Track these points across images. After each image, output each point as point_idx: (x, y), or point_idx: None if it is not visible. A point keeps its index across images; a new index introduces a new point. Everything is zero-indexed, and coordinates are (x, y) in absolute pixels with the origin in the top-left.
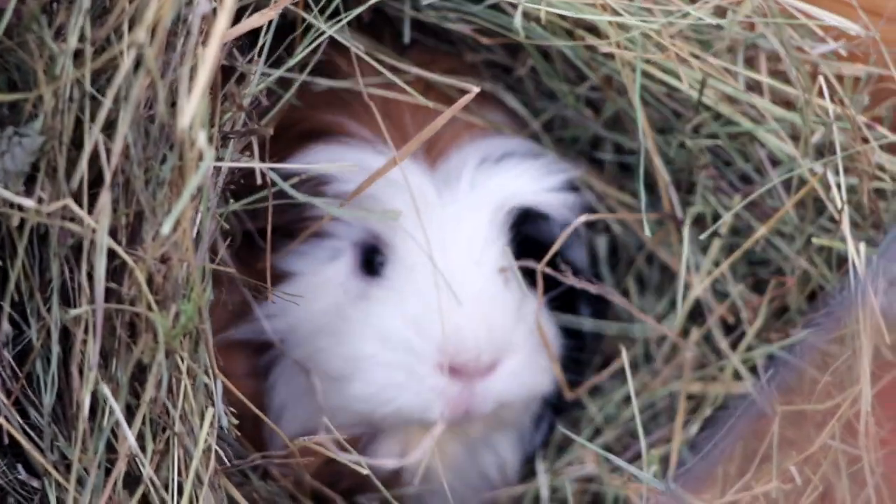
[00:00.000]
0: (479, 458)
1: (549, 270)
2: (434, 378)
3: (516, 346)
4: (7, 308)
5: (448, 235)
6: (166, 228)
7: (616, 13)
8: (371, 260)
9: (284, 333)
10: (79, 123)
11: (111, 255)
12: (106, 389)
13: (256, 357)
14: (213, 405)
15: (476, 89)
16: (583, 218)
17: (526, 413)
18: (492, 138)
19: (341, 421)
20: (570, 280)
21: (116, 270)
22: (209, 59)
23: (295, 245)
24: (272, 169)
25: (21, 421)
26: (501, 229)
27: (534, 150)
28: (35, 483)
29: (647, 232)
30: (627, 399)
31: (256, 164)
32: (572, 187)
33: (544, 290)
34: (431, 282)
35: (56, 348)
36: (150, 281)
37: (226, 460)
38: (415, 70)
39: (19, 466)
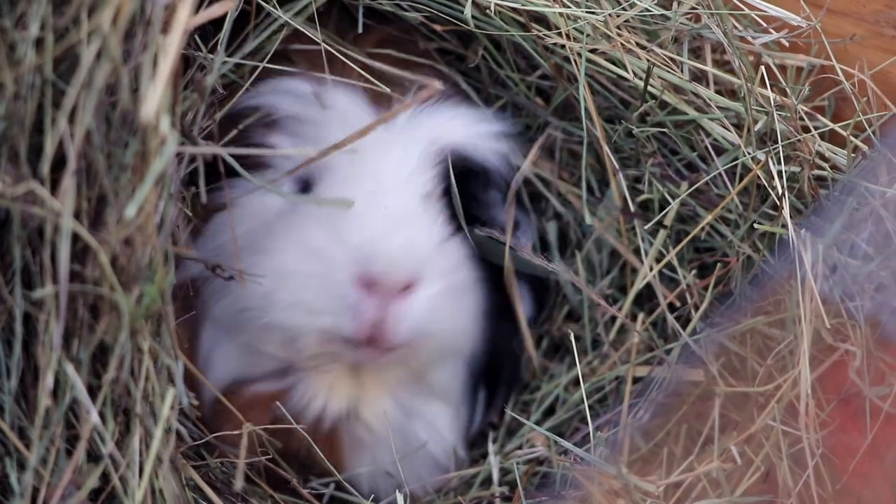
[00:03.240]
0: (416, 430)
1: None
2: (348, 290)
3: (435, 275)
4: None
5: (379, 160)
6: (131, 211)
7: (564, 4)
8: (307, 188)
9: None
10: (40, 109)
11: (74, 237)
12: (69, 367)
13: (191, 302)
14: (174, 386)
15: (439, 86)
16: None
17: (452, 377)
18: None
19: (266, 349)
20: (526, 253)
21: (79, 253)
22: (172, 47)
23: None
24: (233, 155)
25: None
26: (432, 164)
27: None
28: None
29: (588, 220)
30: (577, 382)
31: (219, 150)
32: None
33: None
34: (355, 197)
35: (20, 330)
36: (113, 263)
37: (189, 438)
38: (377, 64)
39: None
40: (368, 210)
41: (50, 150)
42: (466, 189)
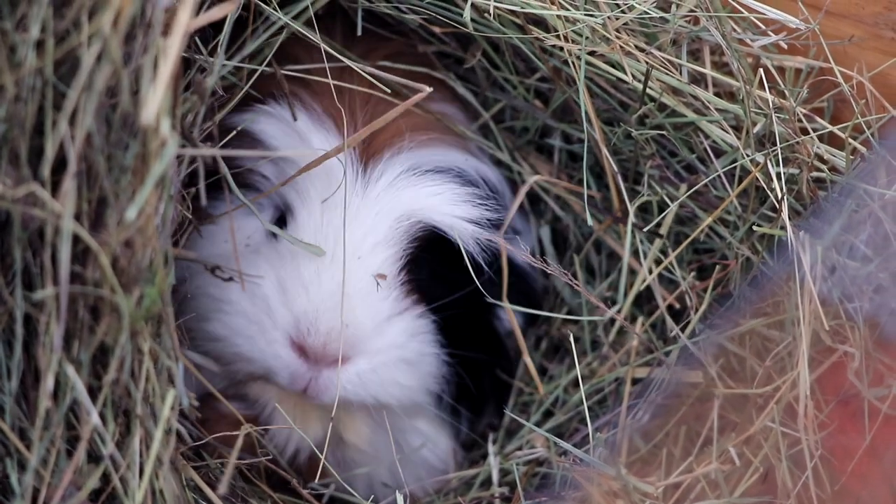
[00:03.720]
0: (407, 438)
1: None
2: (282, 347)
3: (372, 351)
4: None
5: (349, 223)
6: (132, 214)
7: (563, 7)
8: (284, 223)
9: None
10: (41, 111)
11: (74, 239)
12: (70, 369)
13: None
14: (174, 387)
15: (427, 90)
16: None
17: (419, 409)
18: (430, 148)
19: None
20: (528, 258)
21: (79, 255)
22: (173, 50)
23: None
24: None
25: None
26: (401, 237)
27: (471, 169)
28: None
29: (590, 222)
30: (576, 383)
31: (217, 152)
32: (493, 224)
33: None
34: (307, 265)
35: (20, 331)
36: (114, 265)
37: (189, 438)
38: (369, 69)
39: None
40: (320, 277)
41: (51, 152)
42: (436, 266)
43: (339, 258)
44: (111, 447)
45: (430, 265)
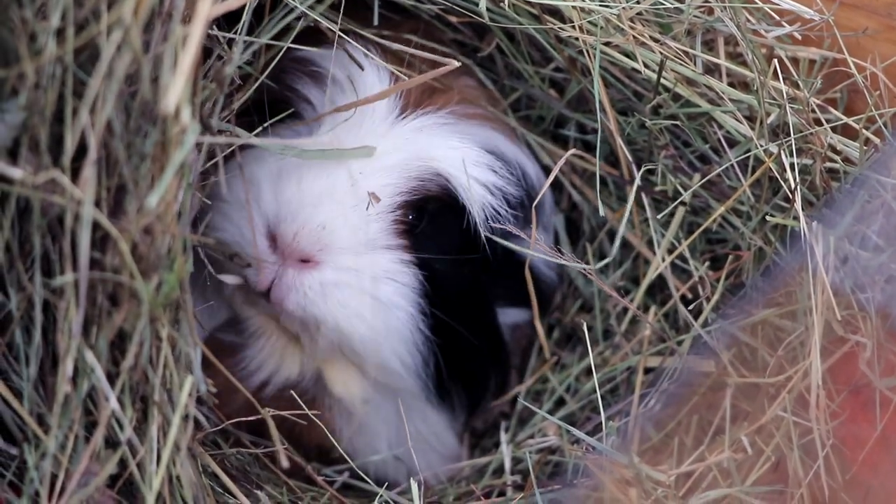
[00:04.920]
0: (412, 423)
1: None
2: (259, 235)
3: (342, 266)
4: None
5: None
6: (153, 201)
7: None
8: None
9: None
10: (61, 98)
11: (94, 226)
12: (89, 354)
13: None
14: (191, 373)
15: (455, 63)
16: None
17: (401, 383)
18: (472, 119)
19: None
20: (545, 249)
21: (98, 241)
22: (194, 38)
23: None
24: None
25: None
26: (409, 177)
27: (507, 150)
28: (13, 451)
29: (601, 211)
30: (589, 372)
31: (238, 140)
32: (512, 203)
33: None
34: (311, 175)
35: (39, 317)
36: (133, 251)
37: (206, 425)
38: (396, 46)
39: None
40: (314, 176)
41: (71, 141)
42: (438, 226)
43: (342, 171)
44: (129, 431)
45: (434, 223)
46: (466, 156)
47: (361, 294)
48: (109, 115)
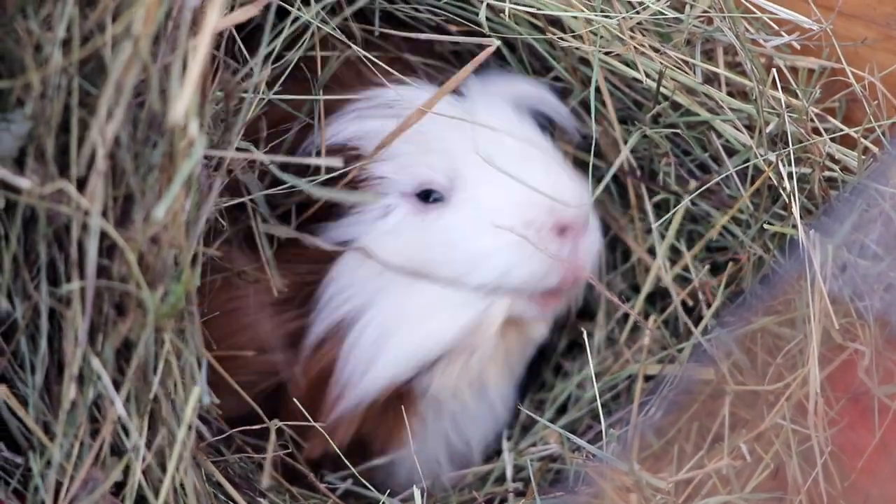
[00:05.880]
0: (455, 431)
1: None
2: (553, 242)
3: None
4: (6, 285)
5: (493, 137)
6: (160, 212)
7: (578, 8)
8: (425, 200)
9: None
10: (67, 109)
11: (101, 235)
12: (95, 361)
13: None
14: (196, 384)
15: (497, 42)
16: None
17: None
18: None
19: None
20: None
21: (104, 250)
22: (201, 50)
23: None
24: (272, 160)
25: (6, 398)
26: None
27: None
28: (18, 459)
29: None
30: (590, 380)
31: (257, 155)
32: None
33: None
34: (503, 176)
35: (45, 326)
36: (140, 261)
37: (207, 436)
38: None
39: (1, 444)
40: (528, 167)
41: (76, 153)
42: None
43: (515, 155)
44: (135, 436)
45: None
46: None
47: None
48: (117, 129)
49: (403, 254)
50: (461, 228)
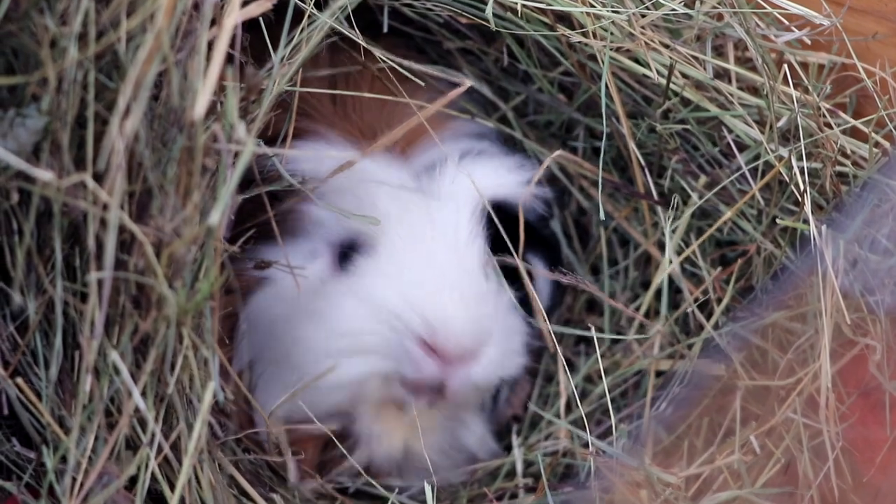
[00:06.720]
0: (456, 434)
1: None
2: (418, 351)
3: (495, 336)
4: (20, 279)
5: (430, 227)
6: (215, 218)
7: (590, 4)
8: (346, 257)
9: (262, 335)
10: (82, 103)
11: (119, 230)
12: (114, 353)
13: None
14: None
15: (468, 83)
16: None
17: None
18: (466, 135)
19: (324, 398)
20: (544, 273)
21: (121, 245)
22: (221, 47)
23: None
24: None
25: (19, 393)
26: (480, 223)
27: (503, 144)
28: (31, 454)
29: (602, 216)
30: (599, 375)
31: (275, 150)
32: (545, 180)
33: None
34: (416, 267)
35: (60, 320)
36: (158, 255)
37: (220, 434)
38: (413, 65)
39: (14, 439)
40: (431, 277)
41: (92, 148)
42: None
43: (437, 259)
44: (152, 426)
45: (496, 238)
46: (505, 168)
47: (512, 338)
48: (136, 125)
49: (303, 308)
50: (347, 303)
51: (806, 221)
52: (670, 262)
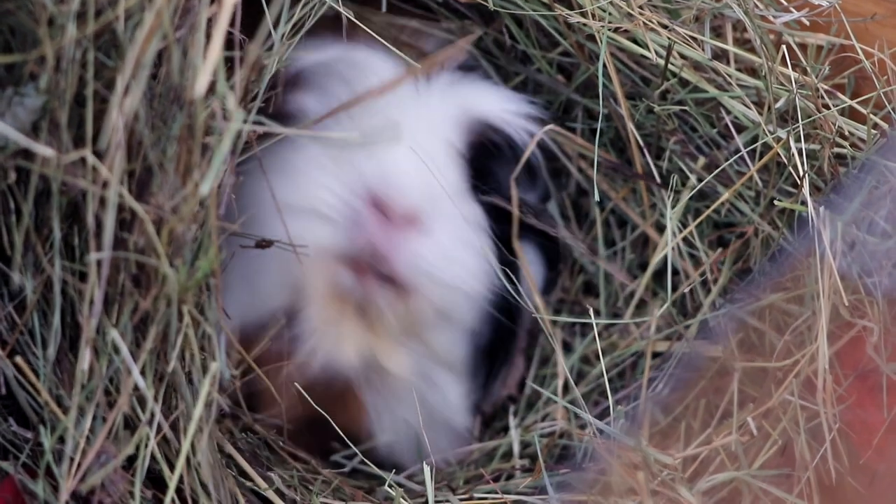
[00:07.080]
0: (430, 397)
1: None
2: (364, 209)
3: (445, 221)
4: (18, 258)
5: (413, 120)
6: (205, 189)
7: None
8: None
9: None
10: (82, 82)
11: (119, 208)
12: (113, 331)
13: None
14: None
15: (481, 31)
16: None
17: (455, 346)
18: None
19: (269, 283)
20: (532, 221)
21: (121, 223)
22: (222, 23)
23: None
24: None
25: (17, 372)
26: (463, 130)
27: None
28: (28, 434)
29: (596, 196)
30: (596, 356)
31: (279, 129)
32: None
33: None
34: (388, 141)
35: (59, 299)
36: (159, 233)
37: (225, 408)
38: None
39: (11, 419)
40: (394, 145)
41: (91, 127)
42: (489, 162)
43: (410, 136)
44: (151, 404)
45: (485, 162)
46: (498, 95)
47: (465, 245)
48: (136, 103)
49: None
50: (304, 159)
51: (804, 203)
52: (674, 237)
